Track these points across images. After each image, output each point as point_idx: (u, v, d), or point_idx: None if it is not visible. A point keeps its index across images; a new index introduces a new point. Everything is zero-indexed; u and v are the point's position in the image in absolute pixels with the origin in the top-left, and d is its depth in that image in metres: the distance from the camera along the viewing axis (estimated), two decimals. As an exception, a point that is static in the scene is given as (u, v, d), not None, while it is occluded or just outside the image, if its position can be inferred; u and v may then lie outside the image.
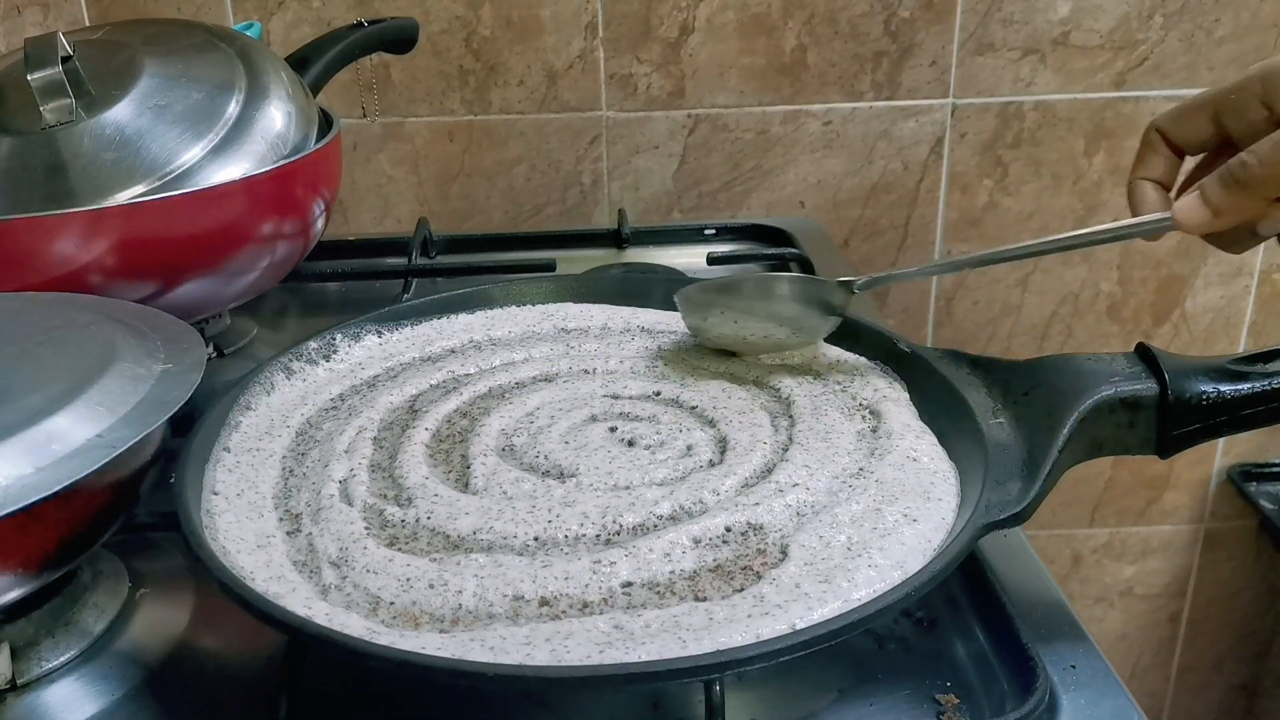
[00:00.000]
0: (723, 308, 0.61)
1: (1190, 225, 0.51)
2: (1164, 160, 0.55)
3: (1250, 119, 0.51)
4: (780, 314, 0.60)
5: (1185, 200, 0.51)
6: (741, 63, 1.04)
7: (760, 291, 0.61)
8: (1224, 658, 1.30)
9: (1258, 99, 0.50)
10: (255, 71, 0.73)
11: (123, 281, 0.64)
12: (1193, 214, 0.51)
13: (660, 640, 0.41)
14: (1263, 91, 0.50)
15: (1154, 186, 0.55)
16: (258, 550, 0.48)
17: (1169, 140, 0.54)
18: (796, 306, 0.60)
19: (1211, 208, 0.50)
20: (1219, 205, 0.50)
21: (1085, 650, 0.48)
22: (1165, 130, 0.54)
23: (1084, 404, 0.50)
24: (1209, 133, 0.53)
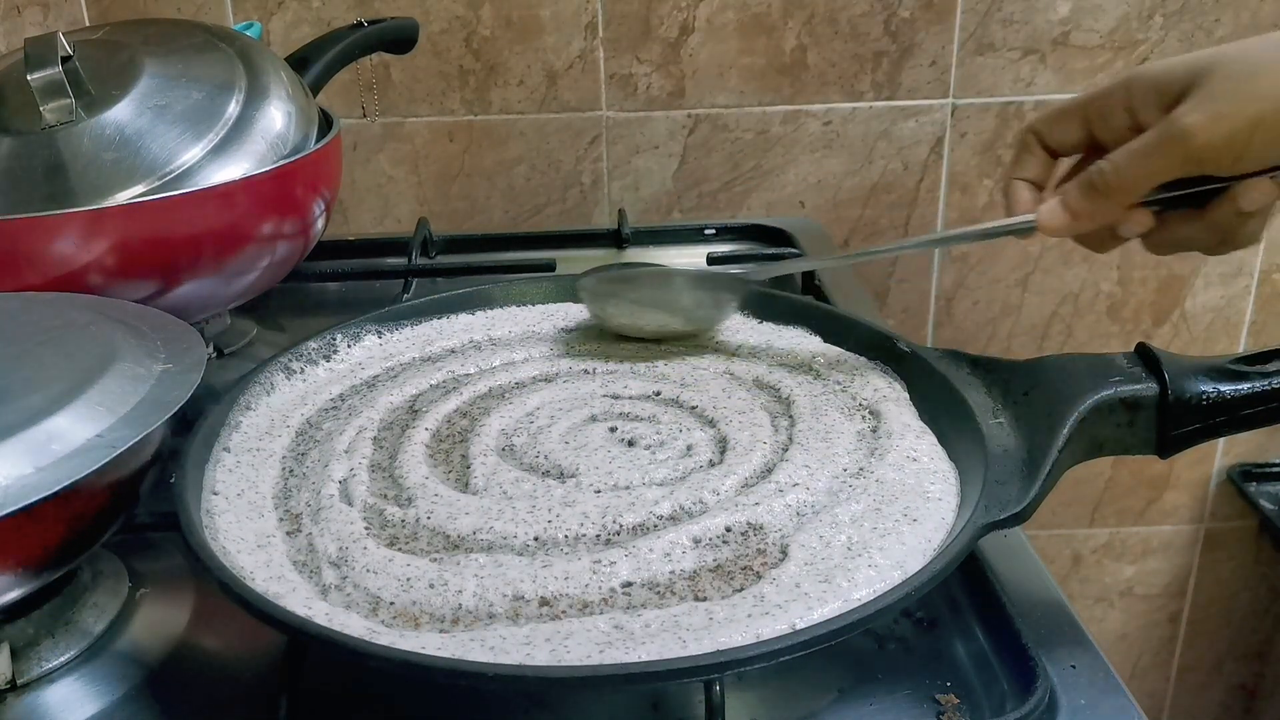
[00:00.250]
0: (621, 298, 0.64)
1: (1052, 229, 0.53)
2: (1038, 161, 0.56)
3: (1115, 124, 0.52)
4: (676, 305, 0.64)
5: (1048, 205, 0.53)
6: (741, 63, 1.04)
7: (657, 284, 0.64)
8: (1224, 658, 1.30)
9: (1122, 105, 0.51)
10: (255, 71, 0.73)
11: (123, 281, 0.64)
12: (1054, 219, 0.53)
13: (660, 640, 0.41)
14: (1126, 98, 0.51)
15: (1028, 187, 0.56)
16: (258, 550, 0.48)
17: (1043, 142, 0.56)
18: (692, 299, 0.64)
19: (1071, 213, 0.52)
20: (1078, 210, 0.52)
21: (1085, 650, 0.48)
22: (1039, 133, 0.56)
23: (1084, 404, 0.50)
24: (1079, 136, 0.54)
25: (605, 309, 0.65)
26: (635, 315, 0.64)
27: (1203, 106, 0.47)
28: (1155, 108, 0.49)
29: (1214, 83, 0.47)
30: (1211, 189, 0.51)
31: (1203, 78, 0.47)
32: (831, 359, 0.62)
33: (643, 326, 0.65)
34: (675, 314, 0.64)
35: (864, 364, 0.61)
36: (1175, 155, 0.48)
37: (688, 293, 0.64)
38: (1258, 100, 0.46)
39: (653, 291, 0.64)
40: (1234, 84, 0.46)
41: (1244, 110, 0.46)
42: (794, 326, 0.66)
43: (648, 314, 0.64)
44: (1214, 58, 0.48)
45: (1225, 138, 0.47)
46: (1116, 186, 0.50)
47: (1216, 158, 0.47)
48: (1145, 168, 0.49)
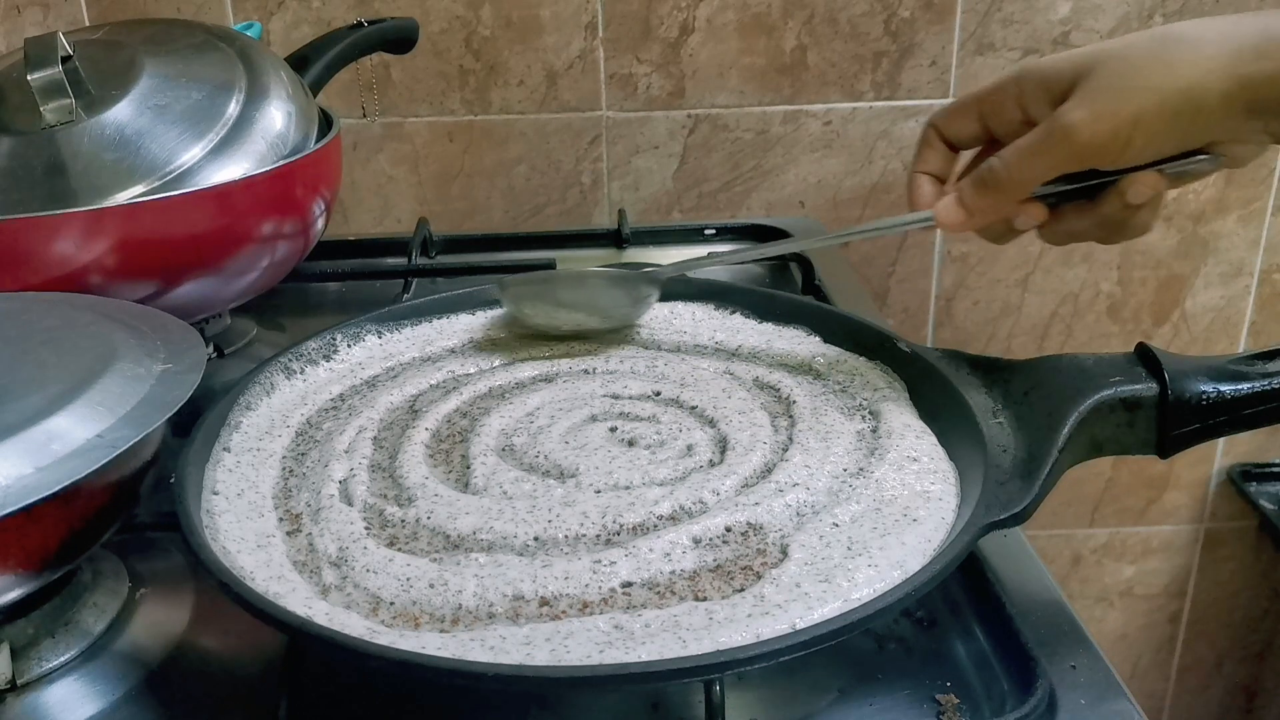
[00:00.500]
0: (540, 299, 0.66)
1: (949, 225, 0.53)
2: (940, 155, 0.57)
3: (1007, 119, 0.53)
4: (592, 304, 0.66)
5: (944, 202, 0.54)
6: (741, 63, 1.04)
7: (574, 285, 0.66)
8: (1224, 658, 1.30)
9: (1013, 100, 0.52)
10: (255, 71, 0.73)
11: (123, 281, 0.64)
12: (950, 215, 0.53)
13: (660, 640, 0.41)
14: (1017, 93, 0.52)
15: (930, 181, 0.57)
16: (258, 550, 0.48)
17: (943, 136, 0.56)
18: (609, 297, 0.65)
19: (967, 209, 0.53)
20: (973, 207, 0.53)
21: (1085, 650, 0.48)
22: (939, 127, 0.56)
23: (1084, 404, 0.50)
24: (976, 130, 0.55)
25: (523, 309, 0.66)
26: (553, 315, 0.66)
27: (1085, 104, 0.48)
28: (1044, 103, 0.50)
29: (1096, 80, 0.48)
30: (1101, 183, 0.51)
31: (1086, 75, 0.48)
32: (831, 359, 0.62)
33: (560, 326, 0.66)
34: (593, 313, 0.66)
35: (864, 364, 0.61)
36: (1061, 152, 0.49)
37: (604, 292, 0.66)
38: (1137, 97, 0.47)
39: (570, 292, 0.66)
40: (1115, 81, 0.47)
41: (1124, 107, 0.47)
42: (794, 326, 0.66)
43: (564, 314, 0.65)
44: (1098, 54, 0.49)
45: (1108, 134, 0.47)
46: (1007, 182, 0.51)
47: (1100, 153, 0.48)
48: (1033, 164, 0.50)
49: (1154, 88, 0.47)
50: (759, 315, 0.68)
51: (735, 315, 0.68)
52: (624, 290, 0.65)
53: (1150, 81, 0.47)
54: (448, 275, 0.89)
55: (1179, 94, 0.47)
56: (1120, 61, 0.48)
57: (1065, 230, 0.54)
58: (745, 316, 0.68)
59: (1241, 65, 0.46)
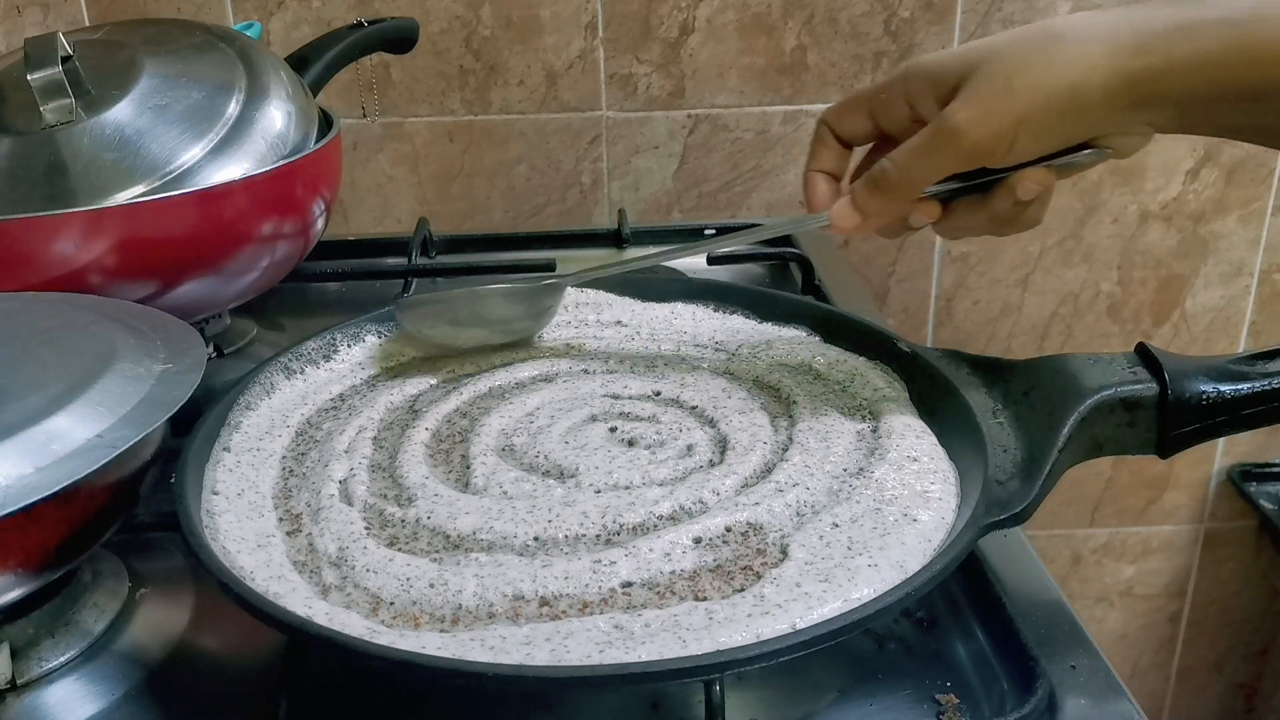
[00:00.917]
0: (437, 320, 0.64)
1: (844, 228, 0.54)
2: (833, 153, 0.57)
3: (897, 116, 0.53)
4: (493, 321, 0.64)
5: (839, 205, 0.54)
6: (741, 63, 1.04)
7: (472, 304, 0.64)
8: (1224, 658, 1.30)
9: (901, 98, 0.52)
10: (255, 71, 0.73)
11: (123, 281, 0.64)
12: (845, 218, 0.54)
13: (660, 640, 0.41)
14: (905, 91, 0.52)
15: (825, 179, 0.57)
16: (258, 550, 0.48)
17: (835, 134, 0.57)
18: (509, 312, 0.64)
19: (861, 211, 0.53)
20: (867, 209, 0.53)
21: (1085, 650, 0.48)
22: (831, 124, 0.56)
23: (1084, 404, 0.50)
24: (868, 127, 0.55)
25: (422, 330, 0.64)
26: (453, 335, 0.64)
27: (971, 104, 0.48)
28: (931, 101, 0.50)
29: (981, 80, 0.48)
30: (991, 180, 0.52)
31: (971, 74, 0.48)
32: (831, 359, 0.62)
33: (461, 345, 0.65)
34: (494, 329, 0.65)
35: (864, 364, 0.61)
36: (949, 152, 0.49)
37: (503, 308, 0.64)
38: (1022, 97, 0.47)
39: (469, 311, 0.64)
40: (999, 81, 0.47)
41: (1009, 107, 0.47)
42: (794, 326, 0.66)
43: (465, 332, 0.64)
44: (983, 53, 0.49)
45: (994, 134, 0.48)
46: (898, 184, 0.51)
47: (988, 153, 0.49)
48: (923, 165, 0.50)
49: (1038, 87, 0.47)
50: (759, 315, 0.68)
51: (735, 315, 0.68)
52: (524, 304, 0.64)
53: (1034, 81, 0.47)
54: (448, 275, 0.89)
55: (1062, 92, 0.47)
56: (1004, 61, 0.48)
57: (958, 225, 0.55)
58: (745, 316, 0.68)
59: (1121, 61, 0.46)
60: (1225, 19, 0.45)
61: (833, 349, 0.63)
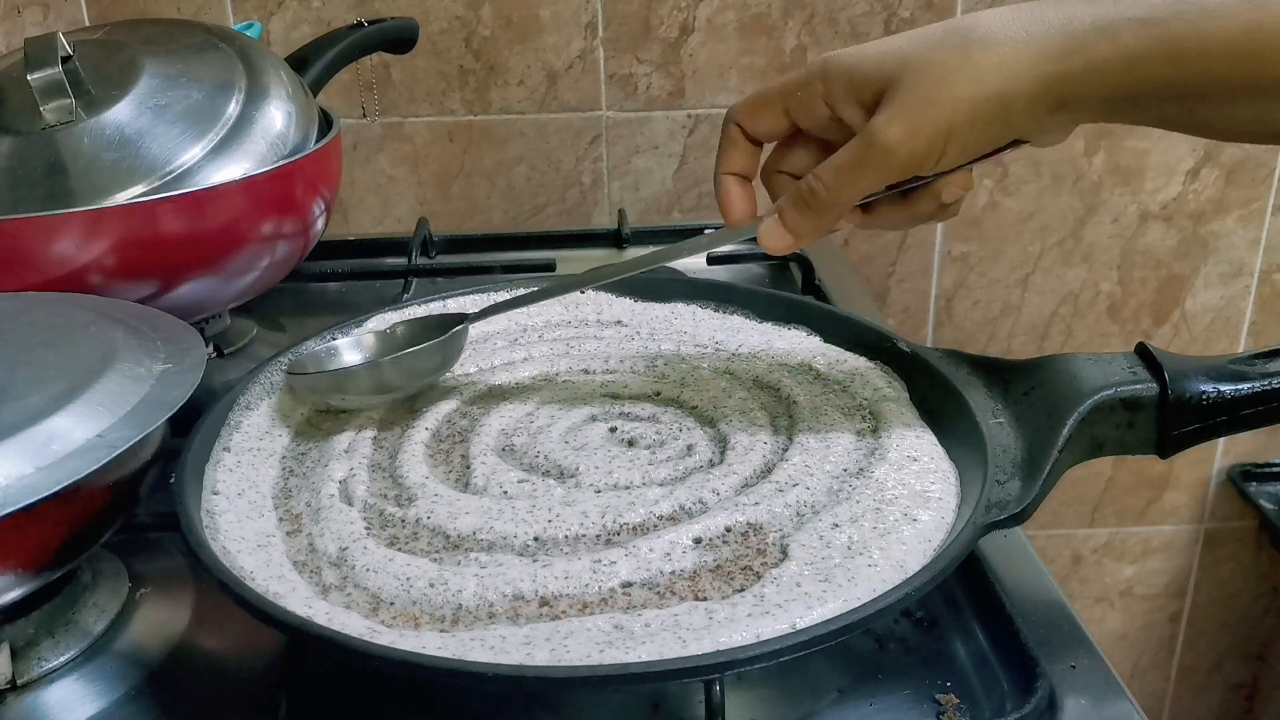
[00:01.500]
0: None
1: (775, 249, 0.52)
2: (744, 153, 0.55)
3: (815, 115, 0.51)
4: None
5: (767, 225, 0.52)
6: (741, 63, 1.04)
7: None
8: (1224, 658, 1.30)
9: (820, 97, 0.51)
10: (255, 71, 0.73)
11: (123, 281, 0.64)
12: (776, 240, 0.52)
13: (660, 640, 0.41)
14: (824, 91, 0.50)
15: (739, 183, 0.55)
16: (258, 550, 0.48)
17: (746, 133, 0.55)
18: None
19: (792, 232, 0.52)
20: (798, 228, 0.51)
21: (1085, 650, 0.48)
22: (741, 123, 0.54)
23: (1084, 404, 0.50)
24: (782, 124, 0.54)
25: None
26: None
27: (899, 119, 0.47)
28: (853, 105, 0.49)
29: (906, 91, 0.47)
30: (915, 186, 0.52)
31: (895, 83, 0.48)
32: (831, 359, 0.62)
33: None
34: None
35: (864, 364, 0.61)
36: (880, 169, 0.48)
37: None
38: (948, 109, 0.47)
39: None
40: (925, 93, 0.47)
41: (937, 120, 0.47)
42: (794, 326, 0.66)
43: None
44: (904, 59, 0.48)
45: (924, 149, 0.47)
46: (829, 203, 0.50)
47: (917, 165, 0.48)
48: (853, 183, 0.49)
49: (964, 98, 0.46)
50: (759, 315, 0.68)
51: (735, 315, 0.68)
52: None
53: (960, 92, 0.46)
54: (448, 275, 0.89)
55: (988, 102, 0.46)
56: (928, 70, 0.47)
57: (878, 223, 0.54)
58: (745, 316, 0.68)
59: (1045, 66, 0.46)
60: (1145, 18, 0.44)
61: (833, 349, 0.63)
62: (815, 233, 0.52)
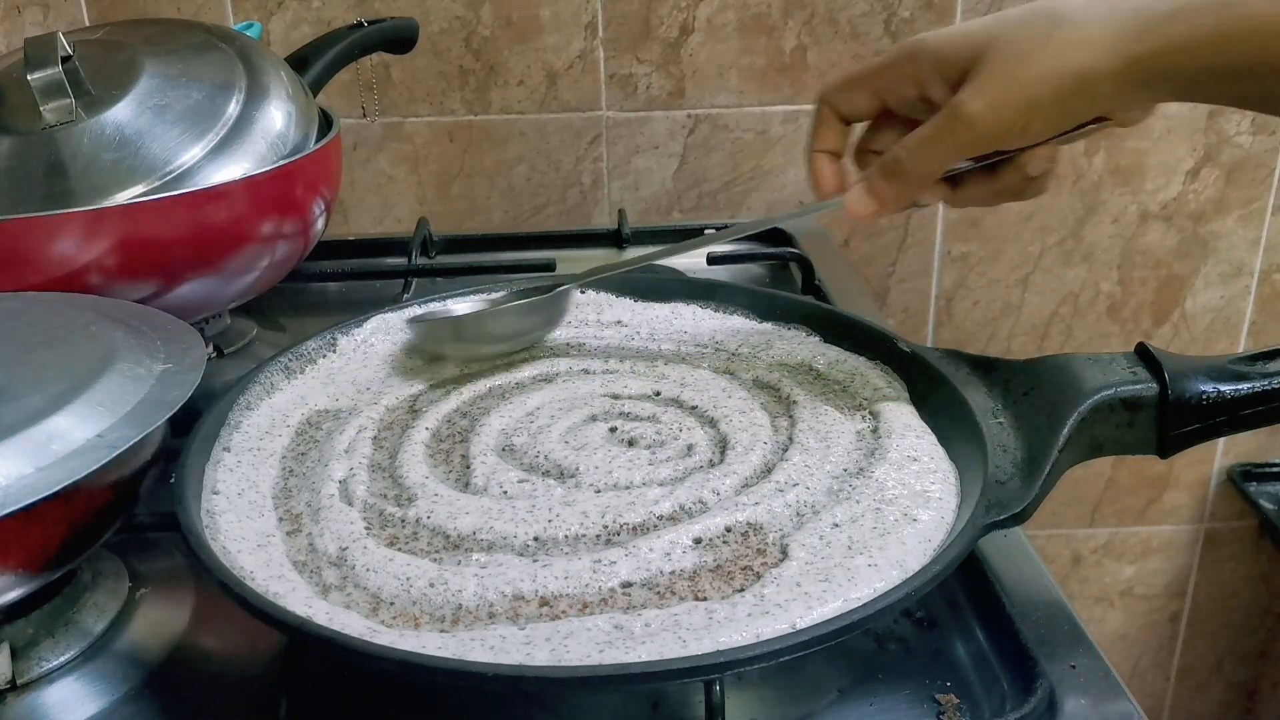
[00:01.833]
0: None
1: (861, 215, 0.55)
2: (835, 132, 0.58)
3: (903, 95, 0.54)
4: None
5: (855, 192, 0.55)
6: (741, 63, 1.04)
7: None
8: (1224, 658, 1.30)
9: (908, 78, 0.53)
10: (255, 71, 0.73)
11: (123, 281, 0.64)
12: (861, 205, 0.55)
13: (660, 640, 0.41)
14: (912, 71, 0.53)
15: (829, 159, 0.58)
16: (258, 550, 0.48)
17: (837, 112, 0.57)
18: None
19: (877, 199, 0.54)
20: (883, 195, 0.54)
21: (1085, 650, 0.48)
22: (832, 103, 0.57)
23: (1084, 404, 0.50)
24: (871, 105, 0.56)
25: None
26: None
27: (983, 92, 0.49)
28: (940, 82, 0.52)
29: (991, 66, 0.49)
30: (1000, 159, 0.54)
31: (981, 59, 0.50)
32: (831, 359, 0.62)
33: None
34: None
35: (864, 364, 0.61)
36: (962, 140, 0.51)
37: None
38: (1032, 85, 0.48)
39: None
40: (1009, 69, 0.49)
41: (1020, 95, 0.49)
42: (794, 326, 0.66)
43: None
44: (989, 36, 0.50)
45: (1006, 122, 0.49)
46: (913, 172, 0.53)
47: (1000, 139, 0.50)
48: (937, 154, 0.52)
49: (1047, 74, 0.48)
50: (759, 315, 0.68)
51: (735, 315, 0.68)
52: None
53: (1044, 68, 0.48)
54: (448, 275, 0.89)
55: (1072, 78, 0.48)
56: (1012, 46, 0.49)
57: (966, 198, 0.56)
58: (745, 316, 0.68)
59: (1125, 45, 0.47)
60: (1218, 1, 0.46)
61: (833, 349, 0.63)
62: (899, 200, 0.54)
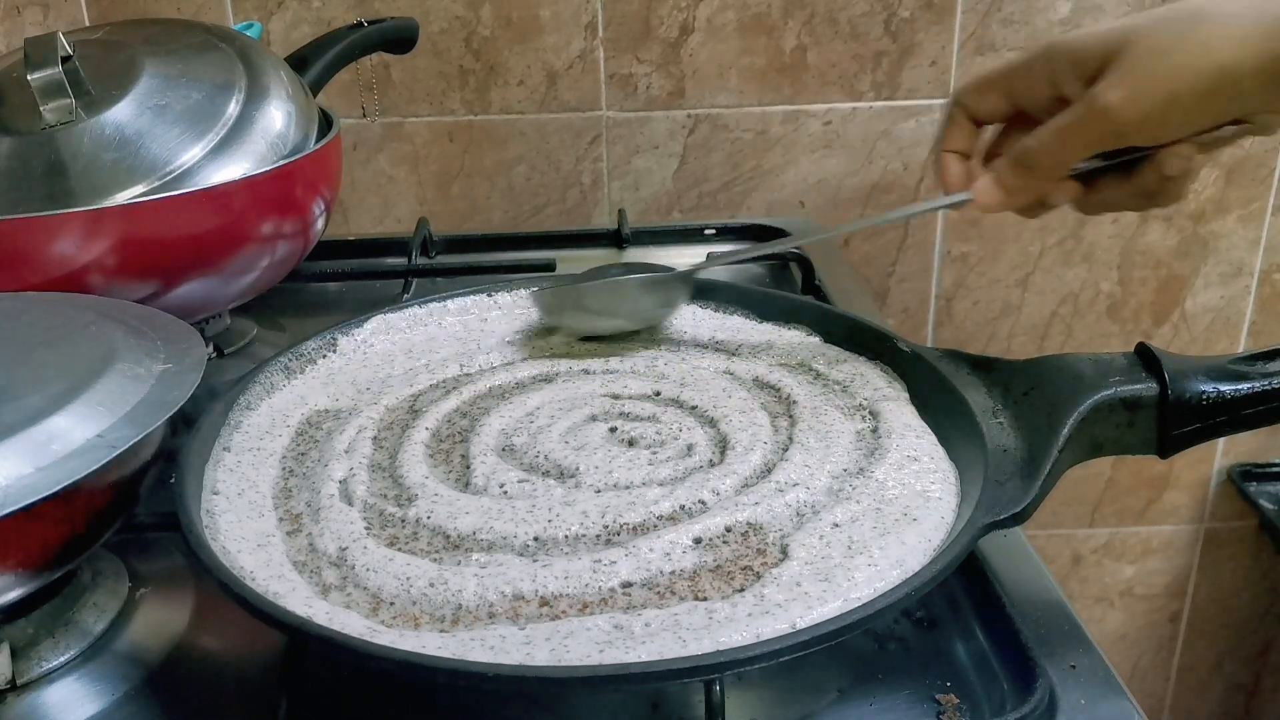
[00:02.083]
0: (577, 308, 0.66)
1: (989, 205, 0.55)
2: (965, 132, 0.57)
3: (1037, 95, 0.53)
4: (627, 310, 0.66)
5: (983, 181, 0.55)
6: (741, 63, 1.04)
7: (607, 292, 0.66)
8: (1224, 658, 1.30)
9: (1043, 77, 0.53)
10: (255, 71, 0.73)
11: (123, 281, 0.64)
12: (990, 195, 0.54)
13: (660, 640, 0.41)
14: (1047, 70, 0.52)
15: (957, 159, 0.57)
16: (258, 550, 0.48)
17: (969, 113, 0.57)
18: (642, 302, 0.66)
19: (1006, 189, 0.54)
20: (1012, 186, 0.54)
21: (1085, 650, 0.48)
22: (965, 104, 0.57)
23: (1084, 404, 0.50)
24: (1004, 106, 0.56)
25: (563, 320, 0.67)
26: (592, 322, 0.66)
27: (1121, 84, 0.48)
28: (1076, 80, 0.51)
29: (1130, 59, 0.49)
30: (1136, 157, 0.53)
31: (1120, 54, 0.49)
32: (831, 359, 0.62)
33: (598, 330, 0.66)
34: (630, 318, 0.66)
35: (864, 364, 0.61)
36: (1097, 131, 0.50)
37: (639, 297, 0.66)
38: (1173, 77, 0.48)
39: (607, 299, 0.66)
40: (1149, 61, 0.48)
41: (1160, 87, 0.48)
42: (794, 326, 0.66)
43: (602, 320, 0.66)
44: (1129, 33, 0.49)
45: (1143, 114, 0.48)
46: (1045, 162, 0.52)
47: (1137, 132, 0.49)
48: (1070, 144, 0.51)
49: (1189, 67, 0.47)
50: (759, 315, 0.68)
51: (735, 315, 0.68)
52: (657, 293, 0.66)
53: (1185, 61, 0.47)
54: (448, 275, 0.89)
55: (1214, 72, 0.47)
56: (1153, 40, 0.48)
57: (1099, 202, 0.55)
58: (745, 317, 0.68)
59: (1270, 42, 0.47)
60: None
61: (833, 349, 0.63)
62: (1028, 191, 0.54)
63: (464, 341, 0.67)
